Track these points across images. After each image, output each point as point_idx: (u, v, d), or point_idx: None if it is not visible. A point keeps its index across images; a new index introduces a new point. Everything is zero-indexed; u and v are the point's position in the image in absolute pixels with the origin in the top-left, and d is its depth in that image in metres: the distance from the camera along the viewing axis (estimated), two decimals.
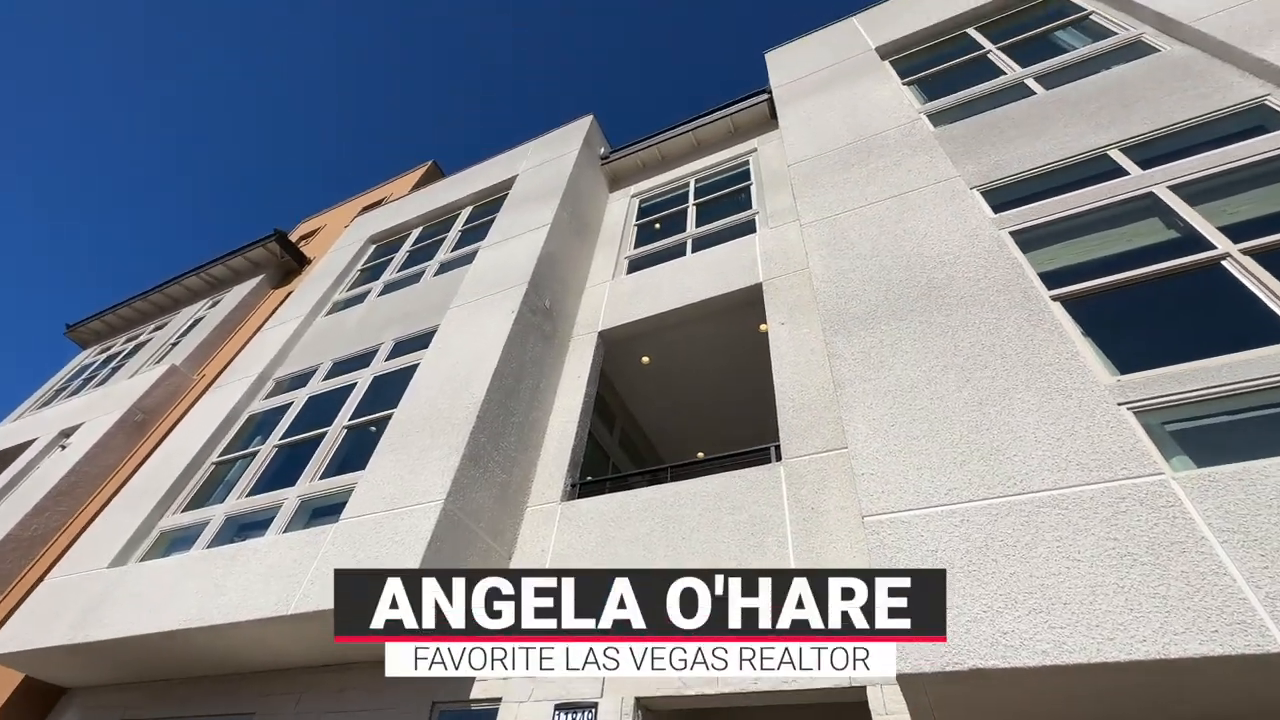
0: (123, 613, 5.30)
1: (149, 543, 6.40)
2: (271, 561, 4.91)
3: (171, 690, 5.53)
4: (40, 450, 9.71)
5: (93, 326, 14.44)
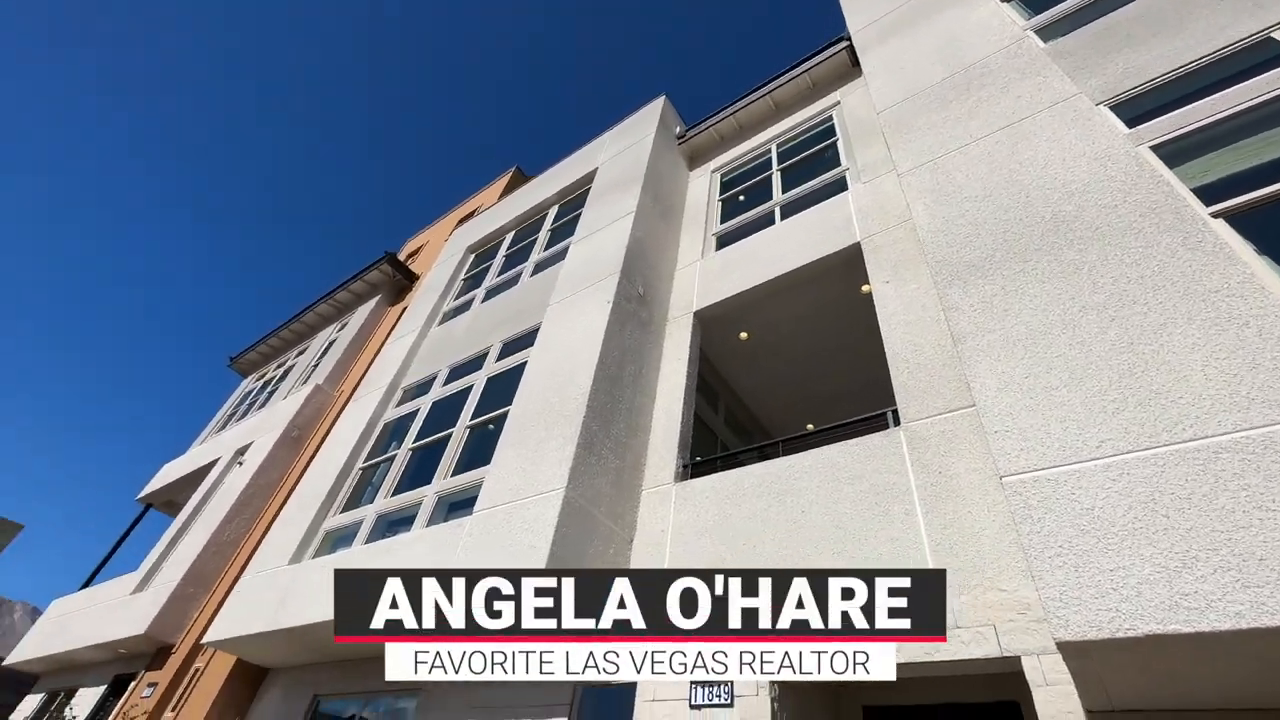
0: (304, 603, 6.06)
1: (317, 541, 7.25)
2: (419, 553, 5.40)
3: (354, 669, 6.27)
4: (223, 467, 11.26)
5: (249, 357, 16.46)
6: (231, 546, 9.08)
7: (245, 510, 9.51)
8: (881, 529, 4.03)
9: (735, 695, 3.83)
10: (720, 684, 3.93)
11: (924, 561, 3.71)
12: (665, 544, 5.03)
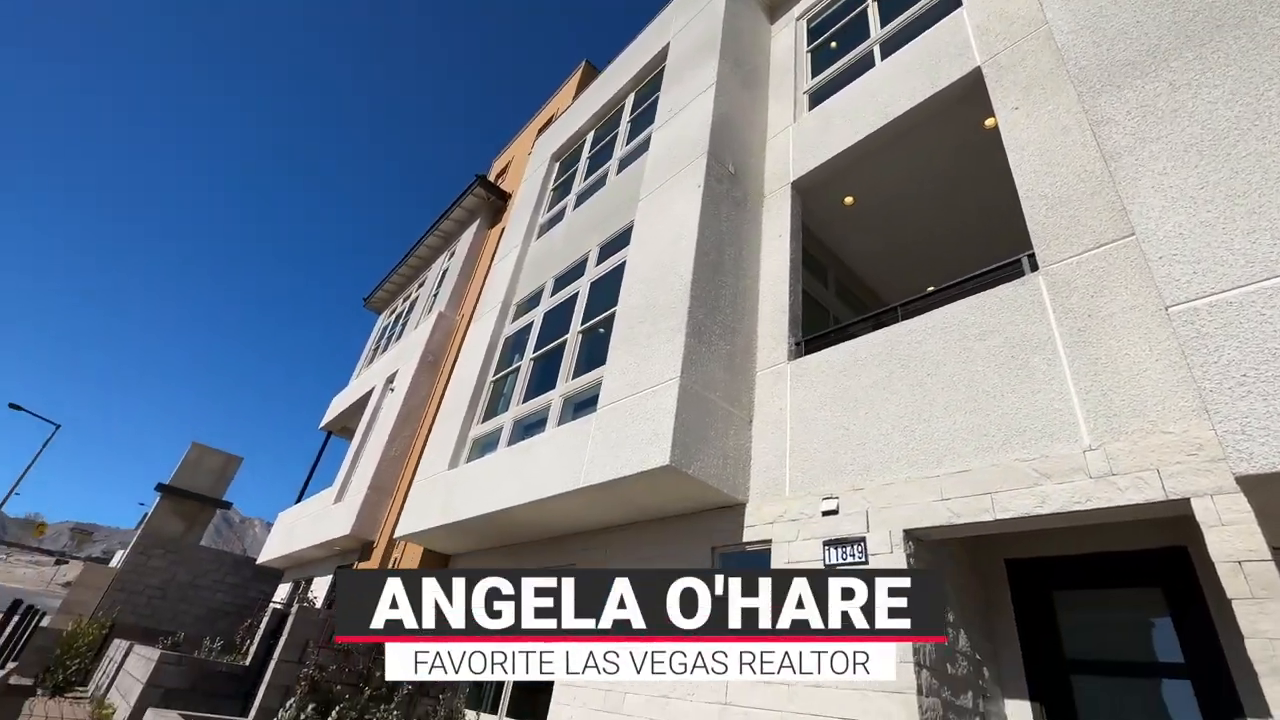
0: (465, 500, 6.93)
1: (467, 448, 8.14)
2: (554, 450, 5.90)
3: (518, 551, 7.19)
4: (378, 395, 12.74)
5: (379, 295, 18.00)
6: (399, 459, 10.46)
7: (404, 429, 10.81)
8: (1020, 383, 3.77)
9: (870, 554, 3.94)
10: (853, 543, 4.06)
11: (1073, 414, 3.45)
12: (785, 422, 5.08)
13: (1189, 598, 3.61)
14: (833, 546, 4.16)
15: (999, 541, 4.32)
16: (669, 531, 5.44)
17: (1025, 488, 3.44)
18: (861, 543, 4.02)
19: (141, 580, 13.28)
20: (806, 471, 4.66)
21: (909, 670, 3.43)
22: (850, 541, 4.09)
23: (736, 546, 4.85)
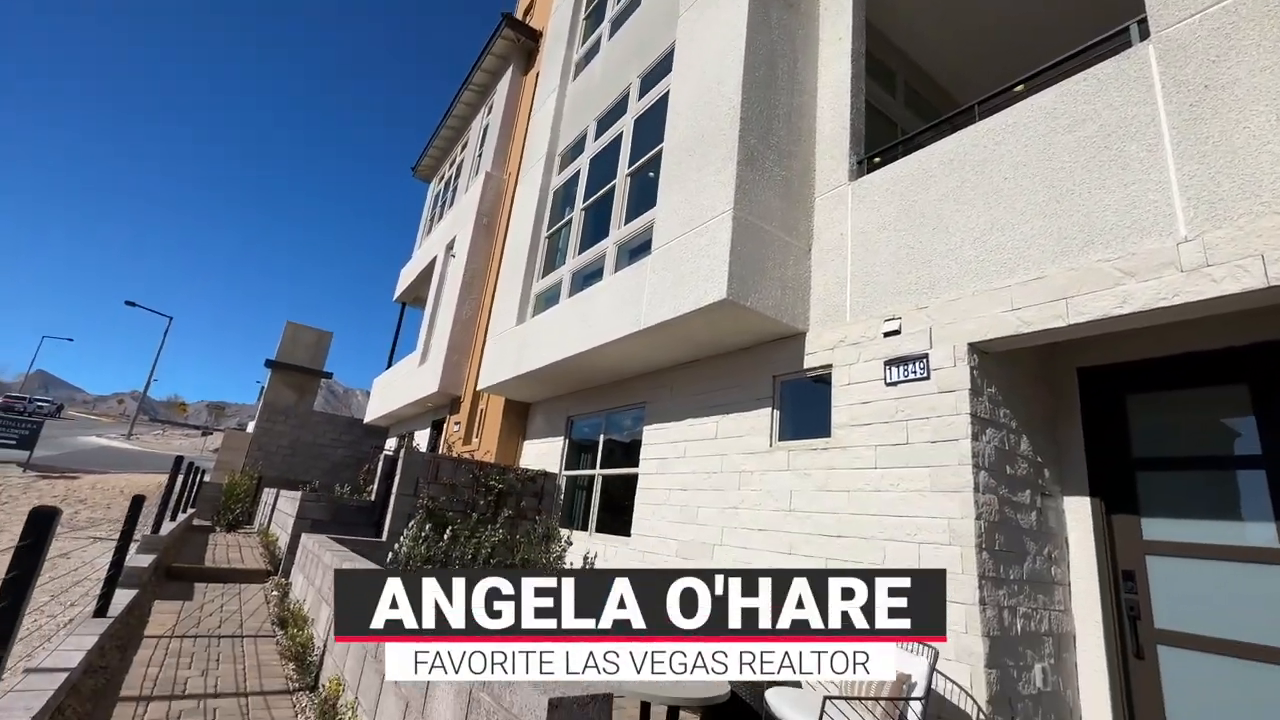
0: (534, 351, 7.33)
1: (531, 304, 8.43)
2: (613, 296, 6.02)
3: (590, 395, 7.69)
4: (441, 262, 13.12)
5: (425, 163, 17.77)
6: (471, 320, 11.01)
7: (470, 292, 11.23)
8: (1111, 176, 3.41)
9: (931, 369, 3.96)
10: (915, 360, 4.07)
11: (1169, 205, 3.13)
12: (846, 247, 4.90)
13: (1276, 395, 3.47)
14: (894, 365, 4.20)
15: (1070, 350, 4.21)
16: (730, 365, 5.61)
17: (1106, 289, 3.26)
18: (924, 359, 4.03)
19: (273, 442, 15.29)
20: (868, 295, 4.57)
21: (967, 471, 3.59)
22: (912, 359, 4.10)
23: (797, 374, 4.97)
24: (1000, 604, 3.47)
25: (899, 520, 3.86)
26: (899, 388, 4.13)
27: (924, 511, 3.75)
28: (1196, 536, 3.63)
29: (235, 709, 3.37)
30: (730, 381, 5.56)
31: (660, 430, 6.28)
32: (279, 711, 3.41)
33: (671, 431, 6.12)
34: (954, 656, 3.34)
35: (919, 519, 3.75)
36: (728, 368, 5.63)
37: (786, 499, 4.66)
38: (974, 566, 3.42)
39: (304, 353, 17.69)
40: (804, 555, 4.40)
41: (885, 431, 4.11)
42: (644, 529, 6.09)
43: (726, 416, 5.48)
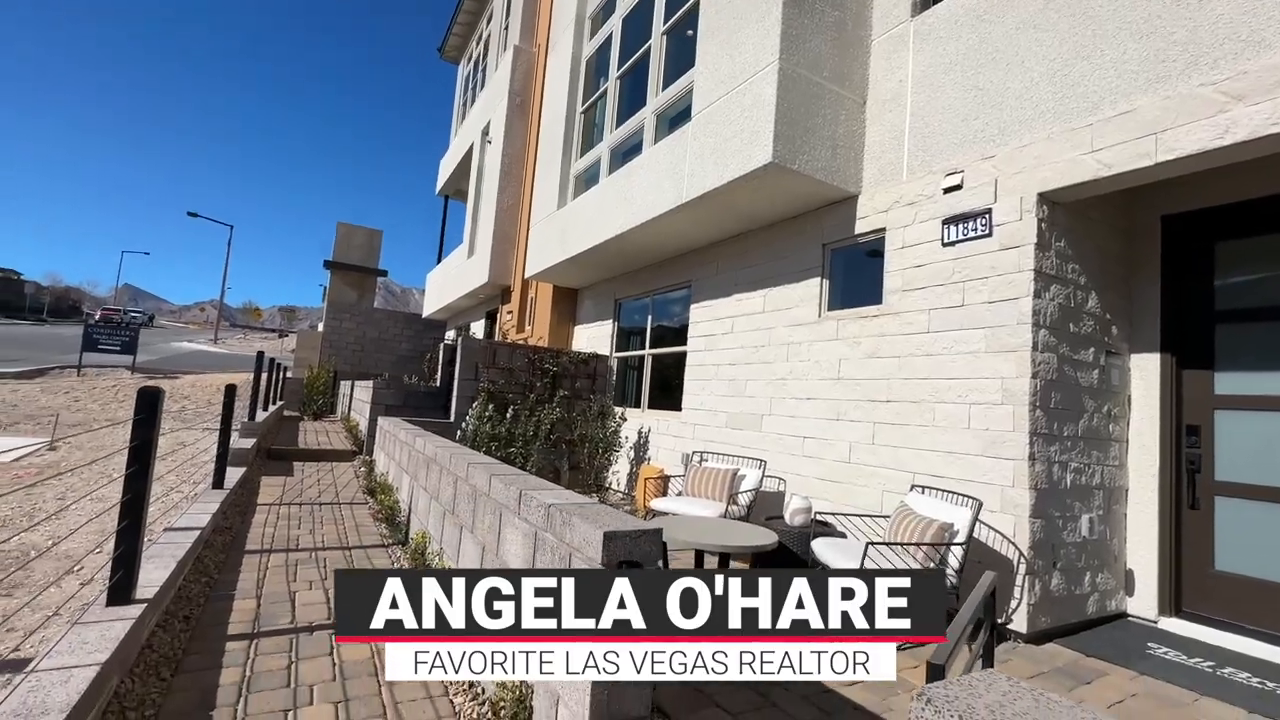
0: (578, 234, 7.26)
1: (571, 186, 8.23)
2: (653, 170, 5.79)
3: (637, 276, 7.67)
4: (478, 149, 12.80)
5: (451, 42, 16.80)
6: (513, 209, 10.92)
7: (509, 179, 11.03)
8: None
9: (994, 224, 3.71)
10: (976, 216, 3.82)
11: None
12: (905, 95, 4.45)
13: None
14: (952, 224, 3.95)
15: (1151, 196, 3.84)
16: (777, 237, 5.42)
17: (1206, 118, 2.88)
18: (985, 215, 3.77)
19: (342, 339, 16.24)
20: (927, 148, 4.22)
21: (1025, 330, 3.47)
22: (973, 216, 3.84)
23: (848, 240, 4.77)
24: (1051, 459, 3.49)
25: (949, 383, 3.83)
26: (957, 248, 3.91)
27: (977, 373, 3.69)
28: (1272, 389, 3.46)
29: (341, 559, 3.89)
30: (777, 253, 5.40)
31: (707, 308, 6.27)
32: (378, 560, 3.92)
33: (718, 308, 6.10)
34: (999, 508, 3.43)
35: (971, 380, 3.71)
36: (775, 239, 5.45)
37: (835, 368, 4.67)
38: (1025, 424, 3.41)
39: (358, 252, 18.17)
40: (851, 420, 4.48)
41: (940, 294, 3.96)
42: (694, 403, 6.29)
43: (774, 290, 5.39)
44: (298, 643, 2.61)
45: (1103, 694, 2.79)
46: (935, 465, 3.85)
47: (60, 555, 3.52)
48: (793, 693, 2.47)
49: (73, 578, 3.17)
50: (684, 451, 6.29)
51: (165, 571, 2.82)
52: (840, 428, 4.57)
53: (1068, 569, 3.53)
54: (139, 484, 2.44)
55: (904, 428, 4.09)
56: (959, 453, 3.73)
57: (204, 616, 2.82)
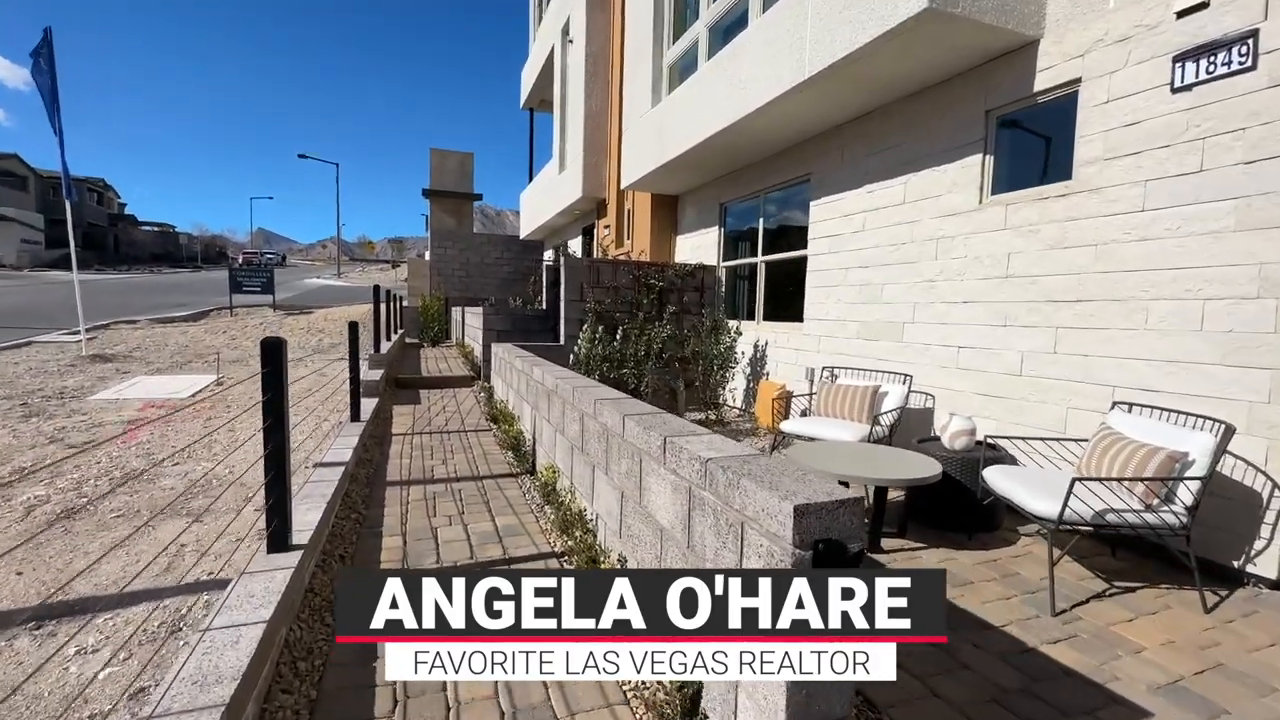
0: (677, 134, 6.57)
1: (665, 79, 7.42)
2: (764, 44, 4.94)
3: (744, 175, 6.93)
4: (560, 51, 11.98)
5: None
6: (602, 114, 10.21)
7: (595, 80, 10.25)
8: None
9: (1259, 53, 2.71)
10: (1230, 44, 2.81)
11: None
12: None
13: None
14: (1191, 60, 2.96)
15: None
16: (922, 109, 4.50)
17: None
18: (1248, 40, 2.76)
19: (448, 266, 16.73)
20: None
21: None
22: (1225, 44, 2.84)
23: (1024, 102, 3.82)
24: None
25: (1174, 274, 3.02)
26: (1194, 92, 2.95)
27: (1217, 259, 2.86)
28: None
29: (475, 490, 3.93)
30: (923, 129, 4.51)
31: (831, 204, 5.51)
32: (509, 492, 3.92)
33: (845, 203, 5.33)
34: (1243, 429, 2.73)
35: (1209, 269, 2.89)
36: (919, 113, 4.53)
37: (1002, 264, 3.90)
38: None
39: (451, 177, 18.28)
40: (1024, 326, 3.77)
41: (1164, 159, 3.06)
42: (818, 313, 5.71)
43: (918, 175, 4.55)
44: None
45: None
46: (1146, 378, 3.14)
47: (239, 483, 3.79)
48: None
49: (250, 507, 3.38)
50: (807, 366, 5.80)
51: (317, 513, 2.89)
52: (1008, 334, 3.87)
53: None
54: (277, 436, 2.41)
55: (1102, 332, 3.35)
56: (1184, 361, 2.99)
57: (357, 555, 2.90)
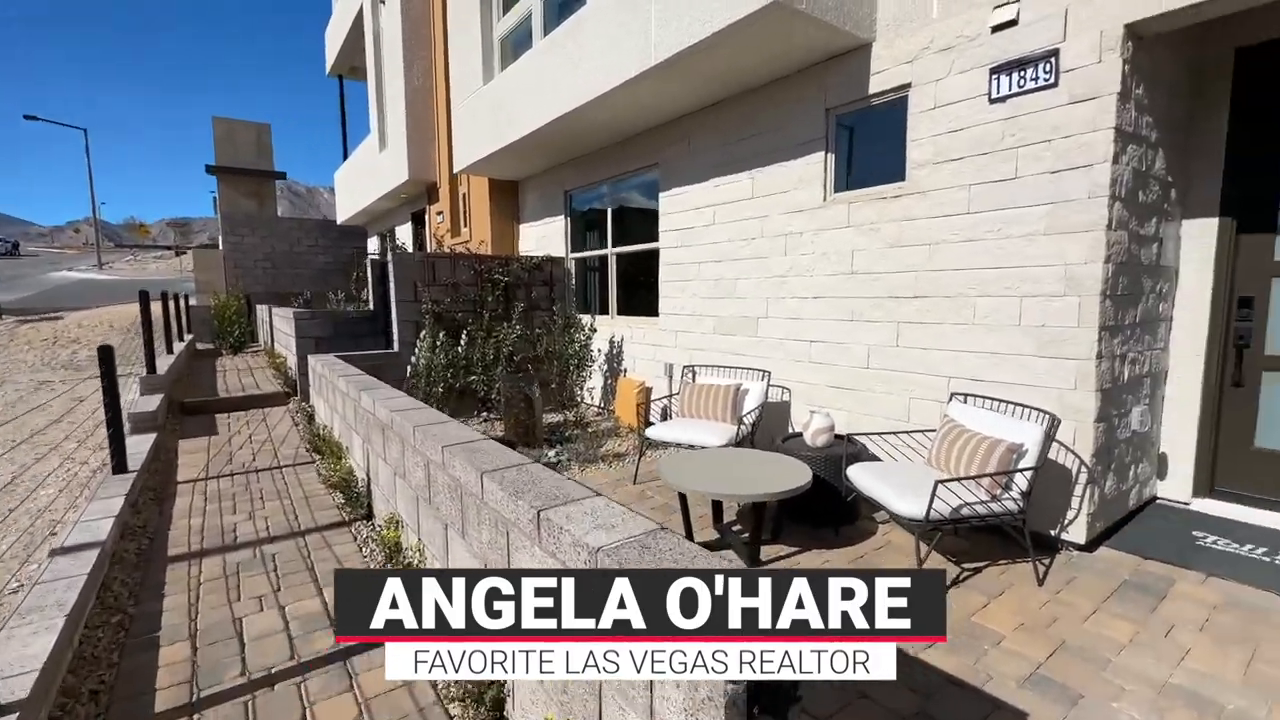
0: (514, 116, 6.02)
1: (497, 53, 6.78)
2: (605, 26, 4.60)
3: (589, 162, 6.57)
4: (370, 13, 10.56)
5: None
6: (426, 88, 9.19)
7: (416, 51, 9.17)
8: None
9: (1062, 71, 2.97)
10: (1037, 61, 3.05)
11: None
12: None
13: None
14: (1004, 73, 3.18)
15: (1228, 24, 3.14)
16: (766, 103, 4.49)
17: None
18: (1051, 59, 3.01)
19: (248, 257, 14.28)
20: None
21: (1100, 205, 2.88)
22: (1032, 61, 3.07)
23: (861, 102, 3.93)
24: (1114, 354, 3.07)
25: (996, 273, 3.27)
26: (1009, 103, 3.18)
27: (1031, 260, 3.13)
28: None
29: (295, 552, 3.21)
30: (768, 124, 4.51)
31: (680, 196, 5.39)
32: (342, 548, 3.26)
33: (694, 196, 5.24)
34: (1057, 412, 3.03)
35: (1024, 269, 3.16)
36: (763, 107, 4.52)
37: (848, 260, 4.03)
38: (1094, 319, 2.93)
39: (245, 152, 15.59)
40: (870, 321, 3.93)
41: (985, 165, 3.29)
42: (673, 308, 5.61)
43: (764, 170, 4.56)
44: (254, 711, 2.00)
45: (1185, 612, 2.56)
46: (976, 368, 3.40)
47: None
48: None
49: None
50: (666, 361, 5.70)
51: (49, 639, 2.08)
52: (855, 329, 4.03)
53: (1118, 468, 3.25)
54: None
55: (937, 326, 3.57)
56: (1006, 353, 3.27)
57: (117, 688, 2.14)
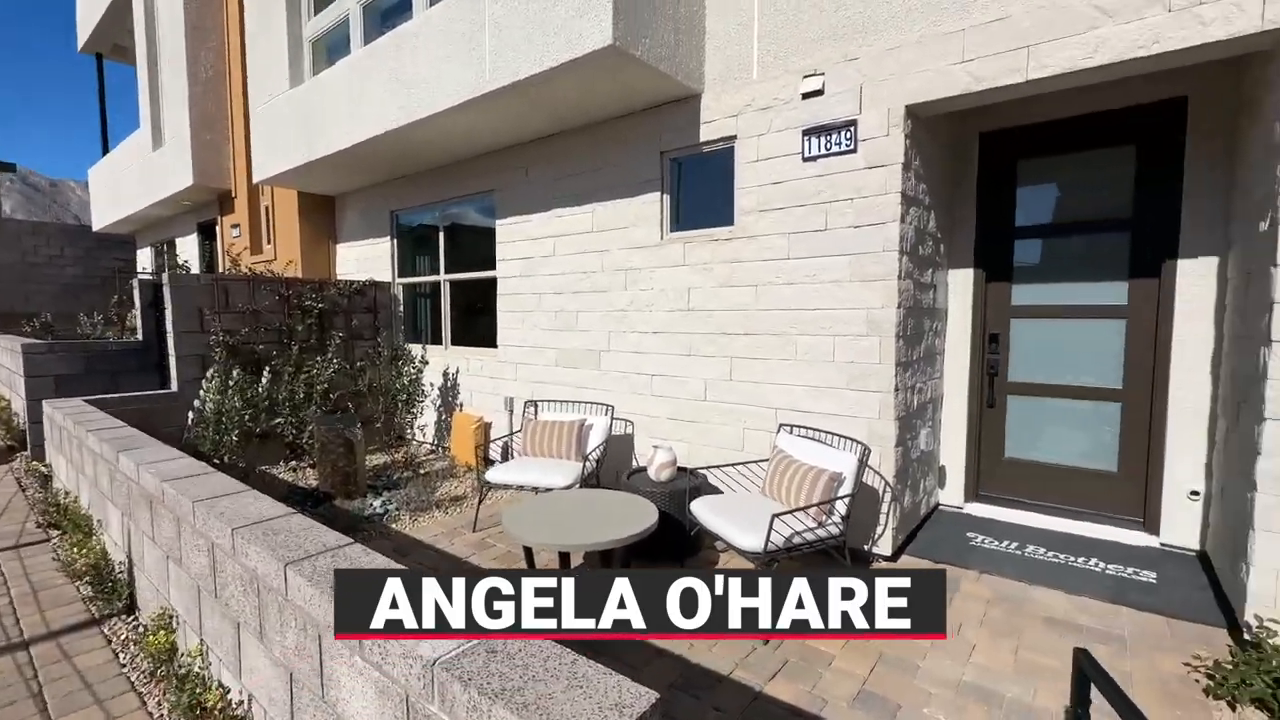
0: (329, 127, 5.43)
1: (308, 54, 6.09)
2: (437, 43, 4.35)
3: (418, 181, 6.13)
4: None
5: None
6: (218, 82, 7.96)
7: (204, 38, 7.92)
8: None
9: (860, 139, 3.38)
10: (839, 129, 3.45)
11: None
12: None
13: (1162, 153, 3.50)
14: (814, 136, 3.55)
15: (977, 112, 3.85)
16: (605, 138, 4.55)
17: (1076, 34, 2.76)
18: (850, 127, 3.42)
19: None
20: (782, 42, 3.67)
21: (892, 258, 3.31)
22: (835, 128, 3.47)
23: (693, 148, 4.14)
24: (907, 386, 3.53)
25: (814, 314, 3.61)
26: (819, 163, 3.55)
27: (841, 303, 3.50)
28: (1053, 299, 3.90)
29: (14, 674, 2.43)
30: (607, 160, 4.56)
31: (519, 224, 5.24)
32: (88, 658, 2.54)
33: (533, 226, 5.12)
34: (864, 439, 3.39)
35: (836, 311, 3.52)
36: (602, 143, 4.57)
37: (685, 297, 4.19)
38: (892, 356, 3.34)
39: None
40: (705, 356, 4.11)
41: (801, 216, 3.62)
42: (513, 339, 5.41)
43: (605, 205, 4.60)
44: None
45: (968, 609, 2.98)
46: (800, 400, 3.70)
47: None
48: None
49: None
50: (506, 395, 5.46)
51: None
52: (692, 363, 4.19)
53: (913, 484, 3.74)
54: None
55: (765, 362, 3.84)
56: (824, 387, 3.60)
57: None
